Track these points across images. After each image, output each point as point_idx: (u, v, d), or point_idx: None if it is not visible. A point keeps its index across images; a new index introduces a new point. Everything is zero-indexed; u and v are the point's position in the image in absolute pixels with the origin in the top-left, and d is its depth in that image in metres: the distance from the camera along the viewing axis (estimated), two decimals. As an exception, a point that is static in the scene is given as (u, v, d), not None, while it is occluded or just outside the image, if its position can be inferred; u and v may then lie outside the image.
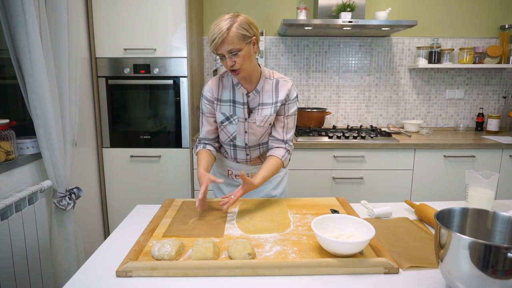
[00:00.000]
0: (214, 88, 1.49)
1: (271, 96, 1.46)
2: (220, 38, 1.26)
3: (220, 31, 1.26)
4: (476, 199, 1.32)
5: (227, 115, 1.49)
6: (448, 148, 2.47)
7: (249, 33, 1.31)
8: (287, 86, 1.46)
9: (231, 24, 1.27)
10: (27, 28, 1.52)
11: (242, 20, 1.30)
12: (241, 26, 1.29)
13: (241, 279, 0.94)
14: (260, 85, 1.45)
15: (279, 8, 2.91)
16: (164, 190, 2.52)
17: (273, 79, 1.48)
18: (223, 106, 1.49)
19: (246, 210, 1.36)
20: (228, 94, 1.48)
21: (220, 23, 1.28)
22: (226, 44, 1.28)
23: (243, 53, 1.31)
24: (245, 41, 1.31)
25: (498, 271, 0.75)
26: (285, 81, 1.48)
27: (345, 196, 2.20)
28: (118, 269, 0.96)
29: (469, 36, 2.99)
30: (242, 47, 1.31)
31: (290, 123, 1.51)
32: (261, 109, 1.47)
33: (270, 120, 1.48)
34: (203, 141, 1.58)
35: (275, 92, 1.46)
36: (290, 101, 1.48)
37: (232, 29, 1.27)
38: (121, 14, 2.33)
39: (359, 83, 3.04)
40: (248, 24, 1.31)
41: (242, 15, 1.32)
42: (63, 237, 1.84)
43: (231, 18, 1.29)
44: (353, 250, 0.99)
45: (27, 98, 1.63)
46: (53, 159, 1.70)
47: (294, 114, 1.52)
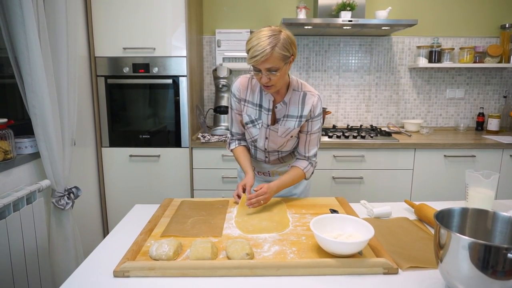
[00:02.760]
0: (243, 88, 1.48)
1: (297, 108, 1.44)
2: (263, 58, 1.23)
3: (263, 49, 1.22)
4: (476, 199, 1.32)
5: (252, 118, 1.50)
6: (448, 147, 2.46)
7: (289, 52, 1.29)
8: (313, 100, 1.44)
9: (275, 43, 1.23)
10: (25, 27, 1.51)
11: (285, 39, 1.26)
12: (284, 46, 1.26)
13: (239, 279, 0.94)
14: (288, 97, 1.43)
15: (279, 7, 2.91)
16: (163, 190, 2.52)
17: (301, 92, 1.45)
18: (249, 108, 1.49)
19: (244, 209, 1.36)
20: (256, 97, 1.47)
21: (264, 40, 1.23)
22: (267, 63, 1.25)
23: (280, 72, 1.29)
24: (284, 61, 1.28)
25: (498, 271, 0.75)
26: (312, 95, 1.44)
27: (345, 196, 2.19)
28: (115, 269, 0.95)
29: (470, 35, 2.98)
30: (281, 67, 1.28)
31: (313, 141, 1.50)
32: (286, 121, 1.46)
33: (292, 133, 1.48)
34: (236, 136, 1.60)
35: (301, 105, 1.44)
36: (314, 119, 1.46)
37: (276, 49, 1.24)
38: (120, 13, 2.33)
39: (359, 82, 3.03)
40: (290, 43, 1.28)
41: (283, 31, 1.28)
42: (62, 236, 1.84)
43: (275, 36, 1.24)
44: (352, 250, 0.98)
45: (25, 97, 1.62)
46: (51, 158, 1.70)
47: (318, 132, 1.50)
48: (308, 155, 1.51)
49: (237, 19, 2.91)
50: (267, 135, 1.50)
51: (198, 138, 2.50)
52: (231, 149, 1.61)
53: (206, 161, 2.46)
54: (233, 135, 1.61)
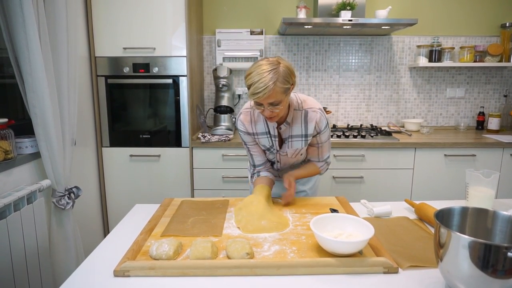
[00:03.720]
0: (247, 123, 1.48)
1: (300, 128, 1.44)
2: (266, 94, 1.23)
3: (265, 86, 1.22)
4: (477, 198, 1.31)
5: (267, 147, 1.51)
6: (449, 147, 2.46)
7: (289, 83, 1.29)
8: (315, 118, 1.43)
9: (276, 78, 1.23)
10: (25, 27, 1.51)
11: (284, 71, 1.26)
12: (284, 79, 1.25)
13: (240, 278, 0.94)
14: (290, 117, 1.43)
15: (279, 7, 2.91)
16: (164, 190, 2.52)
17: (302, 110, 1.43)
18: (261, 139, 1.49)
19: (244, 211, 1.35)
20: (262, 126, 1.47)
21: (265, 75, 1.22)
22: (269, 98, 1.25)
23: (282, 104, 1.29)
24: (285, 93, 1.28)
25: (498, 270, 0.75)
26: (314, 112, 1.43)
27: (345, 195, 2.19)
28: (115, 269, 0.95)
29: (470, 34, 2.97)
30: (283, 99, 1.28)
31: (325, 148, 1.53)
32: (291, 141, 1.46)
33: (302, 152, 1.51)
34: (257, 169, 1.58)
35: (304, 124, 1.44)
36: (322, 131, 1.47)
37: (278, 84, 1.23)
38: (121, 13, 2.33)
39: (359, 82, 3.03)
40: (289, 74, 1.28)
41: (282, 62, 1.28)
42: (62, 236, 1.84)
43: (275, 70, 1.24)
44: (352, 250, 0.98)
45: (25, 97, 1.63)
46: (52, 158, 1.70)
47: (328, 140, 1.52)
48: (321, 159, 1.56)
49: (237, 19, 2.91)
50: (278, 159, 1.54)
51: (198, 138, 2.50)
52: (253, 182, 1.58)
53: (206, 161, 2.46)
54: (254, 169, 1.58)
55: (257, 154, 1.56)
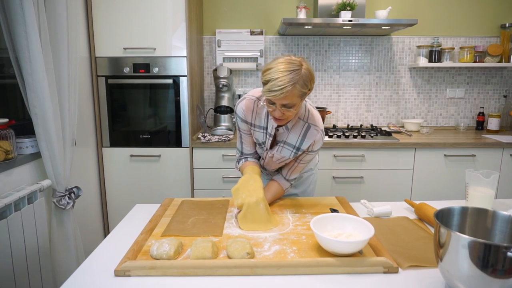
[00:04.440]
0: (248, 111, 1.40)
1: (296, 138, 1.37)
2: (283, 95, 1.16)
3: (284, 86, 1.15)
4: (476, 198, 1.32)
5: (259, 142, 1.46)
6: (449, 147, 2.46)
7: (307, 88, 1.22)
8: (315, 137, 1.36)
9: (296, 81, 1.16)
10: (26, 28, 1.52)
11: (306, 74, 1.19)
12: (304, 83, 1.19)
13: (240, 278, 0.94)
14: (291, 123, 1.36)
15: (279, 7, 2.91)
16: (164, 190, 2.52)
17: (306, 123, 1.36)
18: (257, 132, 1.44)
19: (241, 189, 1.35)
20: (262, 120, 1.40)
21: (286, 75, 1.15)
22: (285, 100, 1.19)
23: (296, 108, 1.23)
24: (302, 97, 1.22)
25: (497, 270, 0.75)
26: (316, 130, 1.36)
27: (345, 195, 2.20)
28: (116, 269, 0.95)
29: (470, 35, 2.98)
30: (297, 103, 1.23)
31: (299, 168, 1.46)
32: (282, 148, 1.40)
33: (286, 161, 1.46)
34: (244, 156, 1.53)
35: (302, 137, 1.37)
36: (311, 152, 1.41)
37: (297, 86, 1.17)
38: (121, 13, 2.33)
39: (359, 82, 3.03)
40: (310, 79, 1.21)
41: (304, 64, 1.21)
42: (63, 236, 1.84)
43: (297, 72, 1.17)
44: (352, 250, 0.98)
45: (26, 98, 1.63)
46: (52, 158, 1.70)
47: (308, 162, 1.46)
48: (289, 178, 1.47)
49: (237, 19, 2.92)
50: (264, 157, 1.49)
51: (198, 138, 2.50)
52: (239, 167, 1.54)
53: (206, 161, 2.46)
54: (242, 155, 1.54)
55: (247, 144, 1.50)
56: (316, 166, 1.75)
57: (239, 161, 1.54)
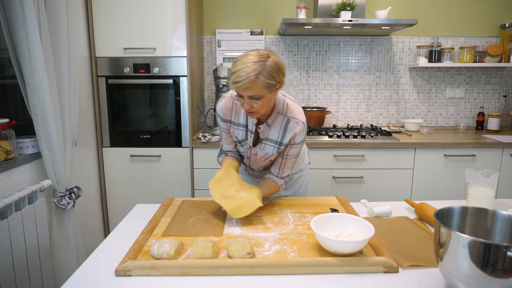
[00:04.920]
0: (227, 109, 1.42)
1: (277, 133, 1.38)
2: (246, 85, 1.18)
3: (247, 76, 1.16)
4: (476, 198, 1.32)
5: (239, 139, 1.46)
6: (449, 147, 2.46)
7: (275, 80, 1.22)
8: (295, 130, 1.35)
9: (260, 71, 1.17)
10: (26, 28, 1.52)
11: (271, 66, 1.19)
12: (269, 74, 1.19)
13: (240, 278, 0.94)
14: (271, 119, 1.37)
15: (279, 7, 2.91)
16: (164, 190, 2.52)
17: (285, 117, 1.36)
18: (236, 130, 1.44)
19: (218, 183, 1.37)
20: (242, 118, 1.41)
21: (249, 66, 1.17)
22: (249, 90, 1.20)
23: (263, 100, 1.23)
24: (269, 89, 1.22)
25: (497, 270, 0.75)
26: (296, 123, 1.36)
27: (345, 195, 2.20)
28: (117, 268, 0.96)
29: (470, 35, 2.98)
30: (264, 95, 1.22)
31: (288, 164, 1.44)
32: (265, 144, 1.41)
33: (271, 158, 1.45)
34: (224, 152, 1.56)
35: (283, 131, 1.37)
36: (294, 145, 1.39)
37: (260, 77, 1.17)
38: (121, 14, 2.33)
39: (359, 82, 3.03)
40: (277, 71, 1.21)
41: (272, 56, 1.21)
42: (63, 236, 1.84)
43: (261, 63, 1.18)
44: (353, 249, 0.98)
45: (26, 98, 1.63)
46: (52, 158, 1.70)
47: (295, 156, 1.45)
48: (281, 176, 1.46)
49: (237, 19, 2.92)
50: (248, 156, 1.49)
51: (198, 138, 2.50)
52: (220, 161, 1.56)
53: (206, 161, 2.46)
54: (222, 151, 1.57)
55: (226, 142, 1.52)
56: (307, 167, 1.74)
57: (220, 155, 1.58)
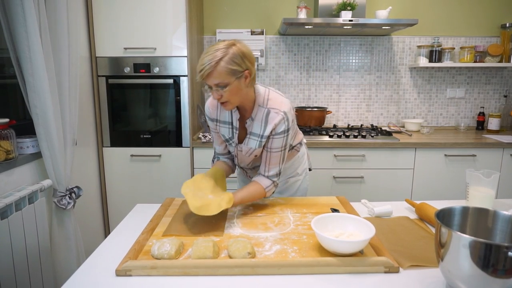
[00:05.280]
0: (212, 108, 1.45)
1: (259, 127, 1.35)
2: (207, 71, 1.18)
3: (209, 62, 1.17)
4: (477, 198, 1.32)
5: (226, 138, 1.46)
6: (449, 147, 2.46)
7: (241, 67, 1.21)
8: (275, 120, 1.31)
9: (221, 56, 1.17)
10: (26, 27, 1.52)
11: (235, 52, 1.19)
12: (232, 60, 1.18)
13: (241, 278, 0.94)
14: (254, 113, 1.35)
15: (280, 7, 2.91)
16: (165, 189, 2.52)
17: (266, 108, 1.34)
18: (222, 128, 1.44)
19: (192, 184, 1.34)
20: (227, 115, 1.41)
21: (211, 53, 1.18)
22: (213, 78, 1.19)
23: (230, 88, 1.22)
24: (234, 76, 1.21)
25: (498, 270, 0.75)
26: (275, 113, 1.32)
27: (346, 195, 2.20)
28: (117, 268, 0.95)
29: (470, 35, 2.98)
30: (230, 82, 1.21)
31: (274, 159, 1.37)
32: (249, 139, 1.39)
33: (256, 153, 1.40)
34: (217, 155, 1.58)
35: (264, 123, 1.34)
36: (276, 136, 1.34)
37: (221, 63, 1.17)
38: (121, 13, 2.33)
39: (360, 82, 3.03)
40: (241, 56, 1.20)
41: (237, 44, 1.21)
42: (63, 236, 1.84)
43: (224, 49, 1.18)
44: (353, 249, 0.98)
45: (27, 97, 1.63)
46: (53, 158, 1.70)
47: (280, 150, 1.36)
48: (268, 174, 1.39)
49: (238, 19, 2.92)
50: (236, 154, 1.48)
51: (199, 138, 2.50)
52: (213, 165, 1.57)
53: (207, 161, 2.46)
54: (215, 154, 1.59)
55: (217, 143, 1.52)
56: (305, 173, 1.69)
57: (213, 160, 1.60)
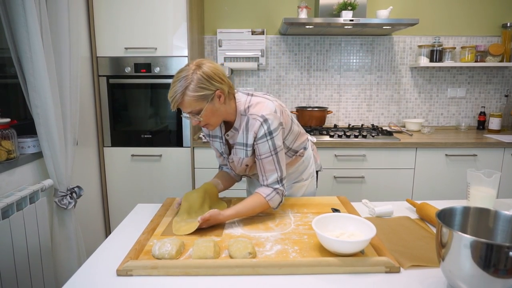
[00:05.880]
0: None
1: (242, 135, 1.32)
2: (176, 102, 1.16)
3: (174, 94, 1.15)
4: (478, 198, 1.32)
5: (220, 151, 1.46)
6: (450, 147, 2.46)
7: (210, 90, 1.17)
8: (254, 127, 1.26)
9: (186, 86, 1.14)
10: (28, 27, 1.52)
11: (199, 78, 1.15)
12: (198, 87, 1.15)
13: (242, 278, 0.94)
14: (237, 123, 1.32)
15: (280, 7, 2.91)
16: (165, 189, 2.52)
17: (246, 116, 1.29)
18: (215, 142, 1.44)
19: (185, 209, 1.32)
20: (218, 130, 1.40)
21: (174, 85, 1.15)
22: (184, 107, 1.18)
23: (205, 113, 1.20)
24: (205, 100, 1.17)
25: (500, 270, 0.75)
26: (253, 119, 1.26)
27: (346, 195, 2.19)
28: (118, 268, 0.96)
29: (471, 34, 2.97)
30: (203, 107, 1.18)
31: (267, 166, 1.29)
32: (236, 149, 1.36)
33: (246, 162, 1.37)
34: (220, 166, 1.58)
35: (245, 131, 1.30)
36: (259, 141, 1.27)
37: (187, 92, 1.14)
38: (122, 13, 2.33)
39: (360, 82, 3.03)
40: (207, 79, 1.16)
41: (203, 66, 1.17)
42: (64, 236, 1.84)
43: (186, 78, 1.14)
44: (354, 249, 0.98)
45: (28, 97, 1.63)
46: (54, 158, 1.70)
47: (270, 154, 1.28)
48: (267, 183, 1.30)
49: (239, 19, 2.92)
50: (229, 166, 1.48)
51: (199, 138, 2.50)
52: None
53: (207, 161, 2.46)
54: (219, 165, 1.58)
55: (216, 155, 1.51)
56: (311, 176, 1.62)
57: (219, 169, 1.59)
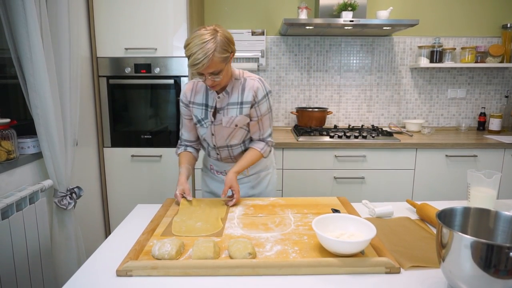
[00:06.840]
0: (188, 92, 1.53)
1: (237, 95, 1.46)
2: (205, 65, 1.25)
3: (204, 57, 1.24)
4: (478, 199, 1.31)
5: (198, 118, 1.52)
6: (450, 147, 2.46)
7: (228, 51, 1.32)
8: (252, 84, 1.45)
9: (214, 48, 1.25)
10: (28, 28, 1.52)
11: (222, 40, 1.28)
12: (222, 49, 1.28)
13: (242, 278, 0.94)
14: (230, 86, 1.45)
15: (280, 8, 2.91)
16: (165, 190, 2.52)
17: (241, 79, 1.47)
18: (196, 109, 1.51)
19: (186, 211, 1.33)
20: (201, 97, 1.50)
21: (203, 46, 1.24)
22: (209, 69, 1.28)
23: (223, 73, 1.33)
24: (225, 61, 1.32)
25: (500, 270, 0.75)
26: (252, 80, 1.46)
27: (346, 195, 2.19)
28: (118, 269, 0.95)
29: (471, 35, 2.98)
30: (223, 68, 1.32)
31: (265, 122, 1.53)
32: (227, 109, 1.47)
33: (237, 122, 1.48)
34: (184, 143, 1.64)
35: (241, 91, 1.45)
36: (259, 101, 1.47)
37: (216, 54, 1.26)
38: (122, 14, 2.33)
39: (361, 82, 3.03)
40: (227, 42, 1.31)
41: (220, 30, 1.30)
42: (64, 236, 1.84)
43: (213, 40, 1.26)
44: (354, 250, 0.98)
45: (28, 98, 1.63)
46: (54, 158, 1.70)
47: (268, 112, 1.52)
48: (263, 137, 1.55)
49: (239, 19, 2.92)
50: (213, 132, 1.52)
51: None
52: (178, 153, 1.63)
53: (207, 161, 2.46)
54: (182, 141, 1.64)
55: (187, 129, 1.60)
56: (273, 165, 1.76)
57: (180, 147, 1.64)
